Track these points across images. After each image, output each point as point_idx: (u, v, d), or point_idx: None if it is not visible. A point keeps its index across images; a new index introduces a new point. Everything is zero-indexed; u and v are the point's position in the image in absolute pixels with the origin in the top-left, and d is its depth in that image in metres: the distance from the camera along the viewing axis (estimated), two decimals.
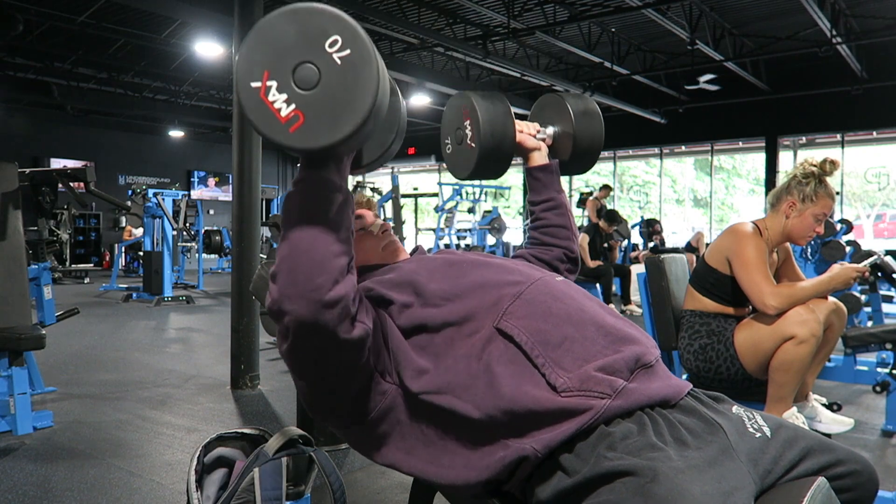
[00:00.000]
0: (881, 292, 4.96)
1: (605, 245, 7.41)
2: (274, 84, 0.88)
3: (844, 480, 1.04)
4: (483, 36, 9.92)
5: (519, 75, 11.31)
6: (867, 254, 3.57)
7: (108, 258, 15.32)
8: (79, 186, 4.05)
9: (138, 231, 10.74)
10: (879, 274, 3.39)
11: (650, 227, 10.99)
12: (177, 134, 16.71)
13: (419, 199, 16.57)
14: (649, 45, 11.06)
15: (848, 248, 5.65)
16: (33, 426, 2.92)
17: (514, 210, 17.37)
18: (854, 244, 6.30)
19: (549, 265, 1.45)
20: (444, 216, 11.66)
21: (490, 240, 11.69)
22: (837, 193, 2.44)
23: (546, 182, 1.48)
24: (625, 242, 9.62)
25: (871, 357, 3.39)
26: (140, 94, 13.41)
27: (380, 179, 16.18)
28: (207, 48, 9.22)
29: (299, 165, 0.99)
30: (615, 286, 7.43)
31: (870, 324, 4.87)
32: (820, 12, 8.32)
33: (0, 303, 2.98)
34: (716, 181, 14.81)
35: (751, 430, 1.02)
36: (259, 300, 3.56)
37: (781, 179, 2.38)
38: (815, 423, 2.31)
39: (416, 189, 17.00)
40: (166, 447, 2.83)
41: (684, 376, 2.43)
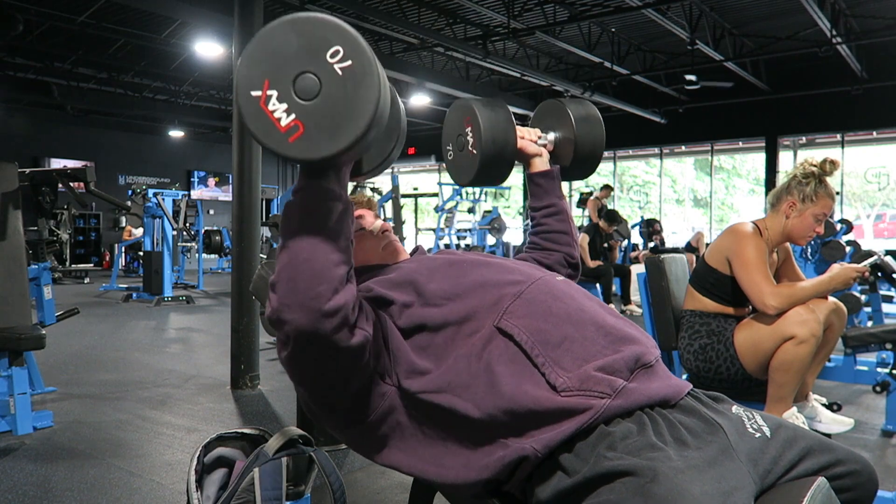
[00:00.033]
0: (881, 292, 4.96)
1: (605, 245, 7.41)
2: (274, 93, 0.88)
3: (844, 480, 1.04)
4: (483, 36, 9.92)
5: (519, 75, 11.31)
6: (867, 254, 3.57)
7: (108, 258, 15.33)
8: (79, 186, 4.05)
9: (138, 231, 10.74)
10: (879, 274, 3.39)
11: (650, 227, 10.99)
12: (177, 134, 16.71)
13: (419, 199, 16.60)
14: (649, 45, 11.06)
15: (848, 248, 5.65)
16: (33, 426, 2.92)
17: (514, 210, 17.38)
18: (854, 244, 6.30)
19: (549, 270, 1.46)
20: (444, 216, 11.66)
21: (490, 240, 11.69)
22: (837, 193, 2.45)
23: (547, 188, 1.49)
24: (625, 242, 9.62)
25: (871, 357, 3.39)
26: (140, 94, 13.41)
27: (380, 179, 16.15)
28: (207, 48, 9.22)
29: (299, 173, 0.99)
30: (615, 286, 7.43)
31: (870, 324, 4.87)
32: (820, 12, 8.32)
33: (0, 303, 2.98)
34: (716, 181, 14.81)
35: (750, 430, 1.02)
36: (259, 300, 3.56)
37: (781, 179, 2.38)
38: (815, 423, 2.31)
39: (416, 189, 17.01)
40: (166, 447, 2.83)
41: (684, 376, 2.43)
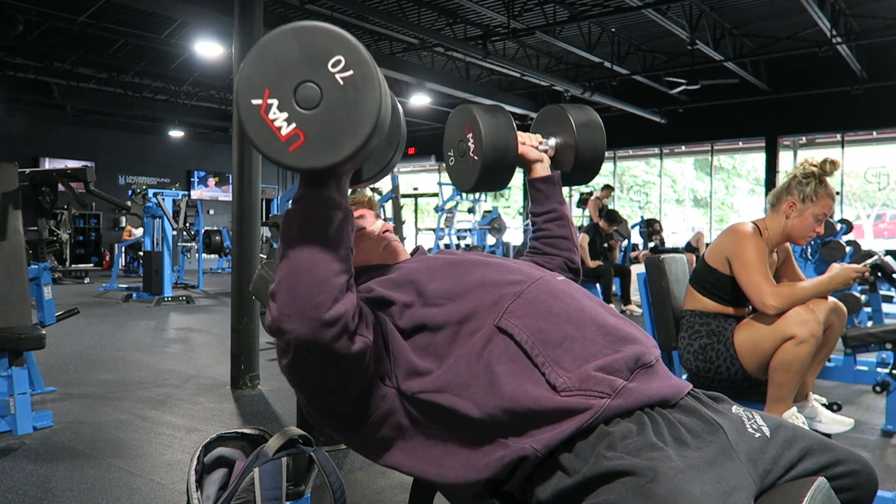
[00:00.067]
0: (881, 292, 4.96)
1: (605, 245, 7.41)
2: (275, 102, 0.88)
3: (844, 480, 1.04)
4: (483, 36, 9.91)
5: (519, 75, 11.31)
6: (867, 254, 3.57)
7: (108, 258, 15.32)
8: (79, 186, 4.04)
9: (138, 231, 10.74)
10: (879, 274, 3.39)
11: (650, 227, 10.99)
12: (177, 134, 16.71)
13: (419, 199, 16.60)
14: (649, 45, 11.06)
15: (848, 248, 5.64)
16: (33, 426, 2.92)
17: (514, 210, 17.38)
18: (854, 244, 6.29)
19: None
20: (444, 216, 11.66)
21: (490, 240, 11.69)
22: (837, 193, 2.45)
23: (548, 193, 1.50)
24: (625, 242, 9.61)
25: (871, 357, 3.39)
26: (140, 94, 13.40)
27: None
28: (207, 48, 9.22)
29: (299, 181, 0.99)
30: (615, 286, 7.43)
31: (870, 324, 4.87)
32: (820, 12, 8.31)
33: (0, 303, 2.98)
34: (716, 181, 14.81)
35: (750, 430, 1.02)
36: (259, 300, 3.56)
37: (781, 179, 2.38)
38: (815, 423, 2.31)
39: (416, 189, 17.01)
40: (166, 447, 2.83)
41: (684, 376, 2.43)
